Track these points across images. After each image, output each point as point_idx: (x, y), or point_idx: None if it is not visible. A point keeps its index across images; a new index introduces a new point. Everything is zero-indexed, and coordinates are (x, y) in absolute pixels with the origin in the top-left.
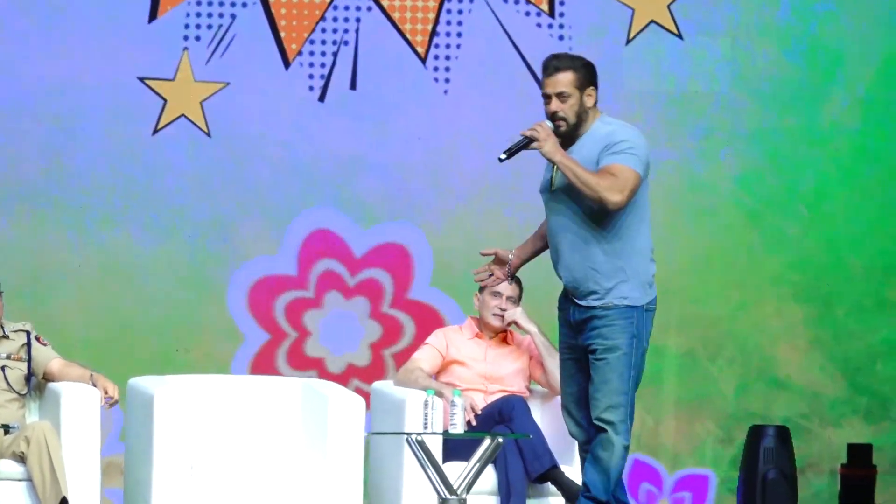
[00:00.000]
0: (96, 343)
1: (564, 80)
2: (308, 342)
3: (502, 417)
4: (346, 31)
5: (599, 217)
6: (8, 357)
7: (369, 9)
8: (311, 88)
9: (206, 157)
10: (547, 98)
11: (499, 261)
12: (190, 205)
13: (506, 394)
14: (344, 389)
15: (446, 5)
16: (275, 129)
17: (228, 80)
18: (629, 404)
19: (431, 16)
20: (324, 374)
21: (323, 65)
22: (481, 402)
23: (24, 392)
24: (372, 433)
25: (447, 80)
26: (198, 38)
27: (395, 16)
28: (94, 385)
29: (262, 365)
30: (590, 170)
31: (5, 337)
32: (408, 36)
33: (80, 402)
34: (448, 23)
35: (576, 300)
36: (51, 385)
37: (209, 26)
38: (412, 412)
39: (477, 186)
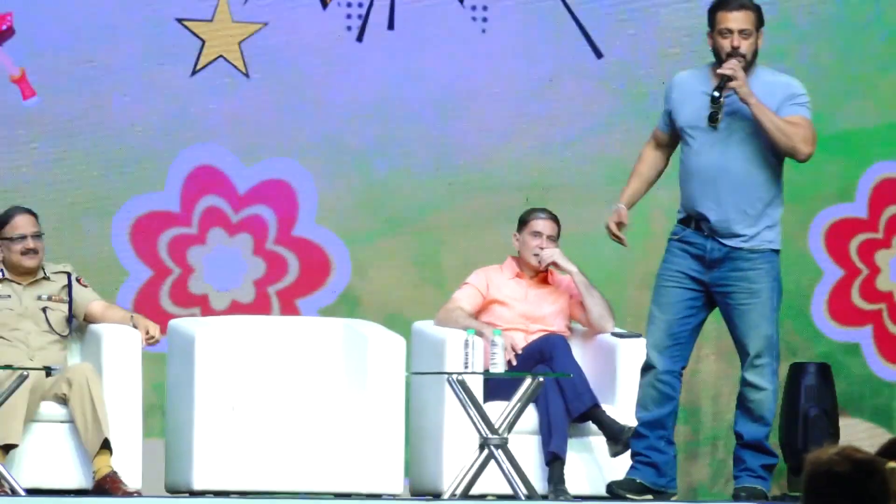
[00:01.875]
0: None
1: (747, 18)
2: (191, 279)
3: (543, 357)
4: None
5: (768, 161)
6: (49, 298)
7: None
8: (348, 28)
9: (245, 97)
10: (728, 32)
11: (622, 225)
12: (228, 146)
13: (546, 333)
14: (385, 330)
15: None
16: (313, 69)
17: (266, 19)
18: (776, 347)
19: None
20: (207, 310)
21: (360, 4)
22: (522, 341)
23: (65, 333)
24: (413, 373)
25: (485, 20)
26: None
27: None
28: (135, 326)
29: (146, 301)
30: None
31: (46, 278)
32: None
33: (121, 344)
34: None
35: (718, 237)
36: (92, 327)
37: None
38: (453, 352)
39: (516, 125)
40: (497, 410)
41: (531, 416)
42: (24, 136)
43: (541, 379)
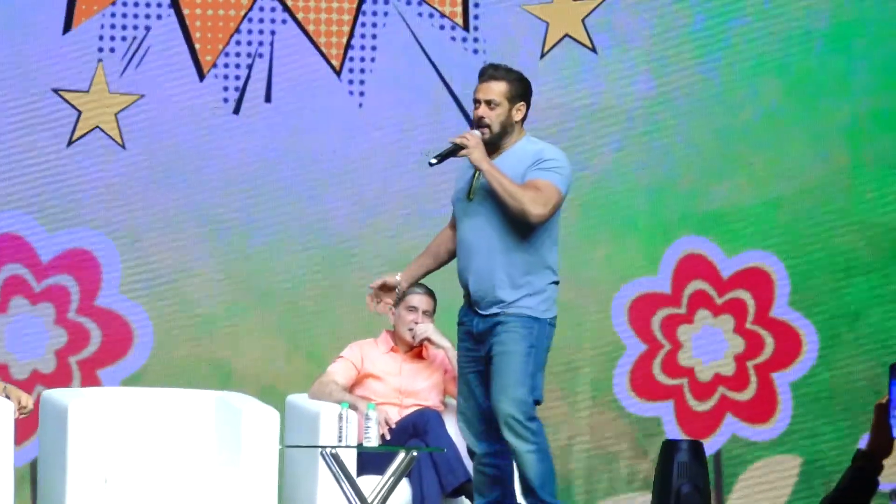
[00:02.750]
0: None
1: (497, 88)
2: None
3: (417, 431)
4: (260, 43)
5: (516, 229)
6: None
7: (284, 21)
8: (225, 100)
9: (122, 169)
10: (476, 103)
11: (387, 288)
12: (103, 217)
13: (420, 408)
14: (258, 402)
15: (361, 18)
16: (189, 141)
17: (143, 91)
18: (528, 409)
19: (346, 29)
20: (7, 378)
21: (238, 77)
22: (396, 415)
23: None
24: (287, 446)
25: (362, 94)
26: (112, 50)
27: (311, 28)
28: (8, 397)
29: None
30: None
31: None
32: (322, 49)
33: None
34: (363, 36)
35: (479, 310)
36: None
37: (123, 38)
38: (327, 425)
39: (392, 198)
40: (371, 484)
41: (405, 490)
42: None
43: (414, 453)
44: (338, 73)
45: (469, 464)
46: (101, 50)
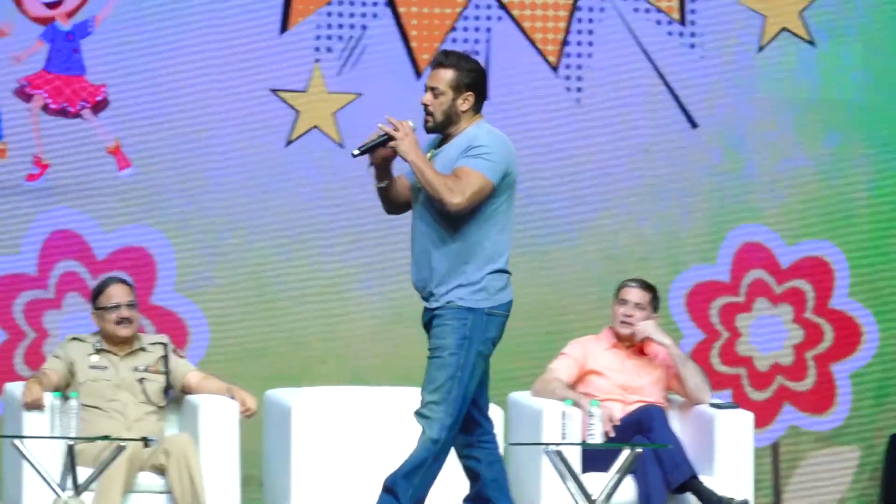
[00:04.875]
0: (233, 356)
1: (443, 76)
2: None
3: (641, 427)
4: (476, 41)
5: (448, 220)
6: (146, 370)
7: (500, 18)
8: None
9: (339, 168)
10: (425, 90)
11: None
12: (323, 216)
13: (644, 404)
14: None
15: (577, 14)
16: None
17: (360, 90)
18: (450, 405)
19: (563, 25)
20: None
21: None
22: (619, 412)
23: (162, 404)
24: (510, 443)
25: (579, 90)
26: (329, 50)
27: (526, 25)
28: (233, 398)
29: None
30: (446, 173)
31: (143, 349)
32: (539, 45)
33: (218, 414)
34: (579, 31)
35: (424, 301)
36: (189, 398)
37: (340, 37)
38: (550, 423)
39: (610, 195)
40: (595, 482)
41: (629, 487)
42: (117, 208)
43: (639, 450)
44: (554, 69)
45: (694, 460)
46: (317, 49)
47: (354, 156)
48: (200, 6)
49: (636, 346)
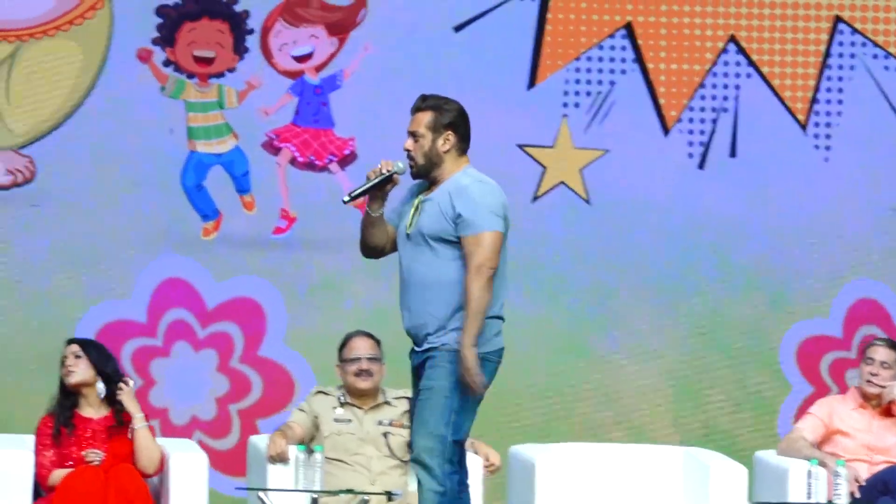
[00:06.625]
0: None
1: (421, 119)
2: (153, 391)
3: (887, 488)
4: (725, 98)
5: (448, 267)
6: (390, 423)
7: (749, 76)
8: (690, 155)
9: (586, 224)
10: (407, 135)
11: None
12: (569, 272)
13: (890, 464)
14: (726, 459)
15: (826, 72)
16: (654, 196)
17: (607, 146)
18: (446, 448)
19: (812, 83)
20: (166, 424)
21: (702, 131)
22: (865, 472)
23: (406, 459)
24: (756, 503)
25: (828, 148)
26: (577, 105)
27: (776, 83)
28: (476, 452)
29: None
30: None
31: (387, 403)
32: (788, 103)
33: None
34: (829, 90)
35: (415, 346)
36: None
37: (588, 93)
38: (796, 482)
39: (861, 253)
40: None
41: None
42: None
43: None
44: (803, 128)
45: None
46: (565, 105)
47: (345, 202)
48: (448, 60)
49: (883, 407)
